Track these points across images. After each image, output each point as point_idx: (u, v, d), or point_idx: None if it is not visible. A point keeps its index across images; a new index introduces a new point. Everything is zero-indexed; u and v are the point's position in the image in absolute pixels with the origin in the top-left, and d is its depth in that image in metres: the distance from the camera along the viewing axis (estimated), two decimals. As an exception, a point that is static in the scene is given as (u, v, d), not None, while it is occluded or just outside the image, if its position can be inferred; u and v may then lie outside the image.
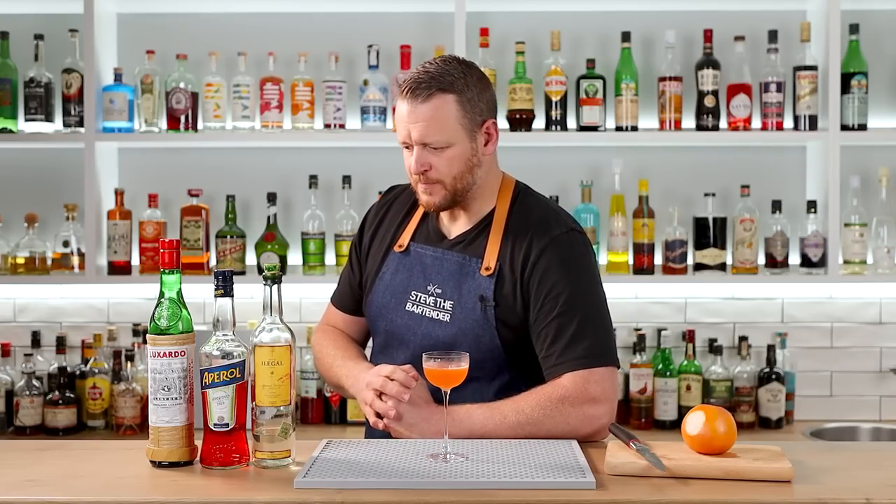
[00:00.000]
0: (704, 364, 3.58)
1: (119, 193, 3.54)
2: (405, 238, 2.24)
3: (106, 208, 3.56)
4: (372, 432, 2.21)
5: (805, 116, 3.48)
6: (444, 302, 2.14)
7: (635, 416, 3.53)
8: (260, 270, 3.49)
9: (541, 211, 2.18)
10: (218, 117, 3.53)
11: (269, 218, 3.55)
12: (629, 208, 3.54)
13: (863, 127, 3.47)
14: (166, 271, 1.84)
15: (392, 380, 2.04)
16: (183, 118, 3.50)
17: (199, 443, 1.84)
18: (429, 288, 2.17)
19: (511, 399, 2.05)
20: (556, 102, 3.49)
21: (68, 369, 3.48)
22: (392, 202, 2.33)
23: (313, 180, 3.56)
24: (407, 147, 2.14)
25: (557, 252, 2.11)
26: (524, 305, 2.11)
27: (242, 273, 3.49)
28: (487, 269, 2.13)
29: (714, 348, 3.55)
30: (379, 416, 2.05)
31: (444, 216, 2.23)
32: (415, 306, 2.18)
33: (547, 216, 2.17)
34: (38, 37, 3.56)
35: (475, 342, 2.10)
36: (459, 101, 2.09)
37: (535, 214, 2.17)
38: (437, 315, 2.14)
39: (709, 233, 3.50)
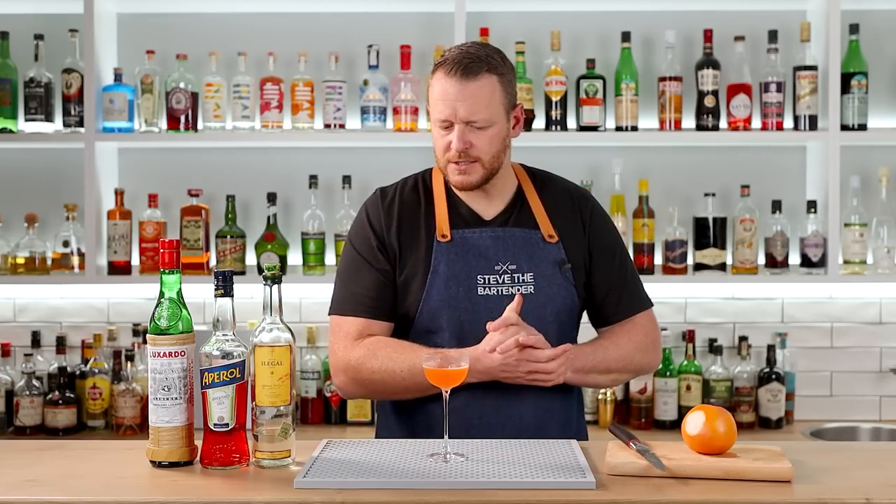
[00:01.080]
0: (704, 364, 3.58)
1: (119, 193, 3.54)
2: (445, 227, 2.20)
3: (106, 208, 3.56)
4: (385, 431, 2.25)
5: (805, 116, 3.48)
6: (524, 275, 2.19)
7: (635, 416, 3.53)
8: (260, 270, 3.49)
9: (562, 182, 2.35)
10: (218, 117, 3.53)
11: (269, 218, 3.55)
12: (629, 208, 3.54)
13: (863, 127, 3.47)
14: (166, 271, 1.84)
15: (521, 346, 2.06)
16: (183, 118, 3.50)
17: (199, 443, 1.84)
18: (497, 267, 2.18)
19: (604, 337, 2.28)
20: (556, 102, 3.49)
21: (68, 369, 3.48)
22: (397, 200, 2.25)
23: (313, 180, 3.55)
24: (445, 127, 2.15)
25: (600, 212, 2.34)
26: (590, 261, 2.26)
27: (242, 273, 3.49)
28: (551, 236, 2.23)
29: (714, 348, 3.55)
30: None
31: (472, 200, 2.24)
32: (487, 289, 2.17)
33: (571, 185, 2.36)
34: (38, 37, 3.56)
35: (562, 305, 2.21)
36: (502, 83, 2.17)
37: (561, 185, 2.33)
38: (519, 289, 2.17)
39: (709, 233, 3.50)
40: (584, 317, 2.35)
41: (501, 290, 2.17)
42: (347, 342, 2.18)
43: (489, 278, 2.18)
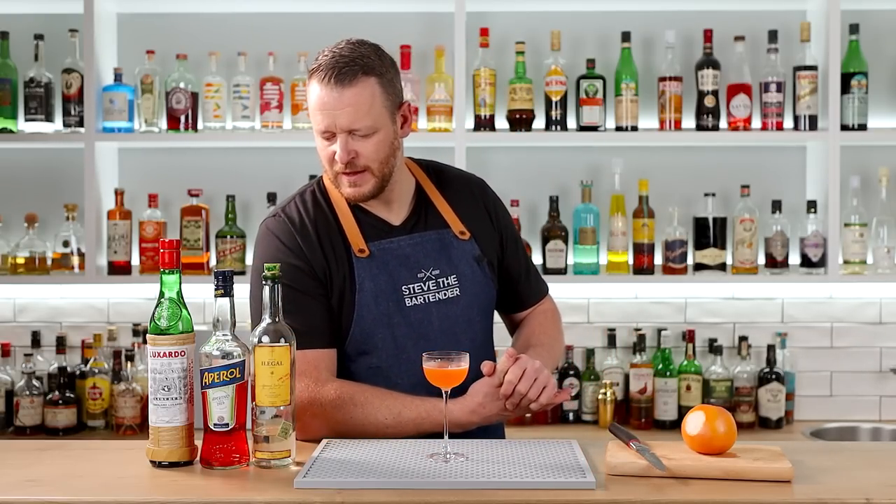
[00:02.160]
0: (704, 364, 3.58)
1: (119, 193, 3.54)
2: (360, 241, 2.10)
3: (106, 208, 3.56)
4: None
5: (805, 116, 3.48)
6: (448, 278, 2.14)
7: (635, 416, 3.53)
8: (260, 270, 3.48)
9: (455, 171, 2.33)
10: (218, 117, 3.53)
11: (269, 218, 3.55)
12: (629, 208, 3.54)
13: (863, 127, 3.47)
14: (166, 271, 1.84)
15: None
16: (183, 118, 3.50)
17: (199, 443, 1.84)
18: (420, 275, 2.12)
19: (540, 331, 2.27)
20: (556, 102, 3.49)
21: (68, 369, 3.48)
22: (307, 220, 2.13)
23: (313, 180, 3.54)
24: (327, 137, 2.06)
25: (497, 198, 2.32)
26: (502, 249, 2.26)
27: (242, 273, 3.48)
28: (462, 233, 2.19)
29: (714, 348, 3.55)
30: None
31: (375, 207, 2.15)
32: (413, 299, 2.11)
33: (464, 173, 2.34)
34: (38, 37, 3.56)
35: (484, 301, 2.19)
36: (381, 84, 2.05)
37: (456, 175, 2.30)
38: (445, 294, 2.13)
39: (709, 233, 3.50)
40: None
41: (428, 298, 2.12)
42: (307, 380, 2.03)
43: (414, 287, 2.11)
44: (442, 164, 2.32)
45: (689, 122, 3.55)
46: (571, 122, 3.53)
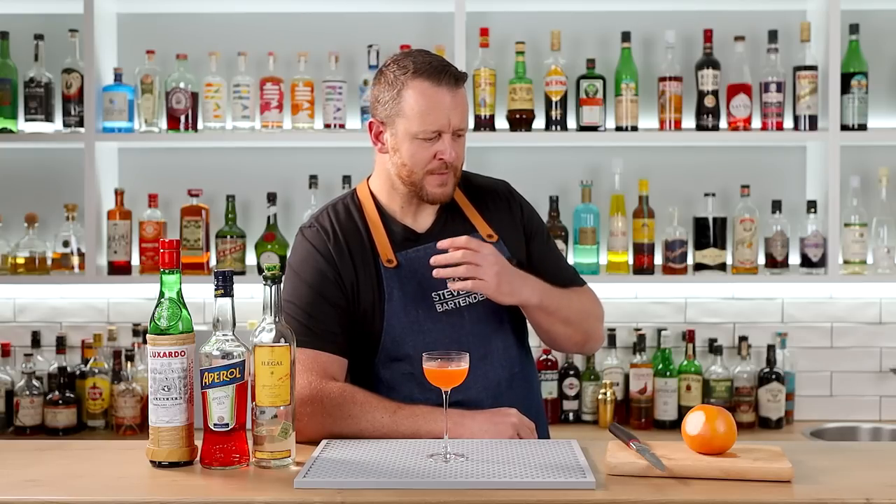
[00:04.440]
0: (704, 364, 3.58)
1: (119, 193, 3.54)
2: (388, 252, 2.15)
3: (106, 208, 3.56)
4: None
5: (805, 116, 3.48)
6: None
7: (635, 416, 3.53)
8: (260, 270, 3.49)
9: (479, 177, 2.34)
10: (218, 117, 3.53)
11: (269, 218, 3.55)
12: (629, 208, 3.54)
13: (863, 127, 3.47)
14: (166, 271, 1.84)
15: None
16: (183, 118, 3.50)
17: (199, 443, 1.84)
18: (448, 281, 2.15)
19: (569, 290, 2.23)
20: (556, 102, 3.49)
21: (68, 369, 3.48)
22: (339, 231, 2.17)
23: (313, 180, 3.55)
24: (430, 138, 2.09)
25: (523, 199, 2.33)
26: (527, 245, 2.26)
27: (242, 273, 3.49)
28: (490, 236, 2.21)
29: (714, 348, 3.55)
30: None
31: (403, 215, 2.19)
32: (444, 305, 2.14)
33: (488, 179, 2.34)
34: (38, 37, 3.56)
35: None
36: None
37: (480, 181, 2.32)
38: (476, 297, 2.15)
39: (709, 233, 3.50)
40: None
41: (459, 302, 2.15)
42: (312, 377, 2.05)
43: (444, 293, 2.15)
44: (467, 171, 2.33)
45: (689, 122, 3.55)
46: (571, 122, 3.53)
